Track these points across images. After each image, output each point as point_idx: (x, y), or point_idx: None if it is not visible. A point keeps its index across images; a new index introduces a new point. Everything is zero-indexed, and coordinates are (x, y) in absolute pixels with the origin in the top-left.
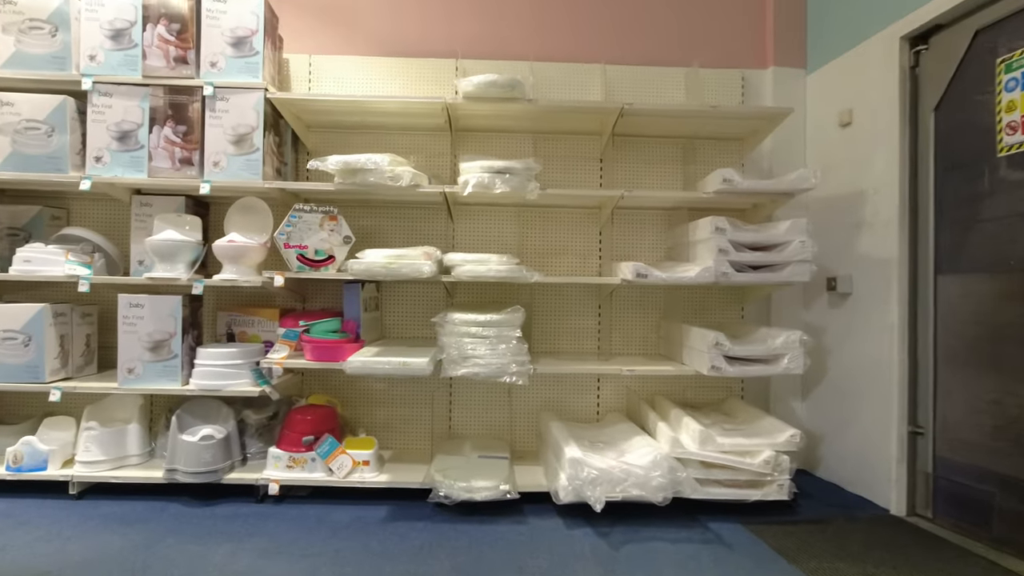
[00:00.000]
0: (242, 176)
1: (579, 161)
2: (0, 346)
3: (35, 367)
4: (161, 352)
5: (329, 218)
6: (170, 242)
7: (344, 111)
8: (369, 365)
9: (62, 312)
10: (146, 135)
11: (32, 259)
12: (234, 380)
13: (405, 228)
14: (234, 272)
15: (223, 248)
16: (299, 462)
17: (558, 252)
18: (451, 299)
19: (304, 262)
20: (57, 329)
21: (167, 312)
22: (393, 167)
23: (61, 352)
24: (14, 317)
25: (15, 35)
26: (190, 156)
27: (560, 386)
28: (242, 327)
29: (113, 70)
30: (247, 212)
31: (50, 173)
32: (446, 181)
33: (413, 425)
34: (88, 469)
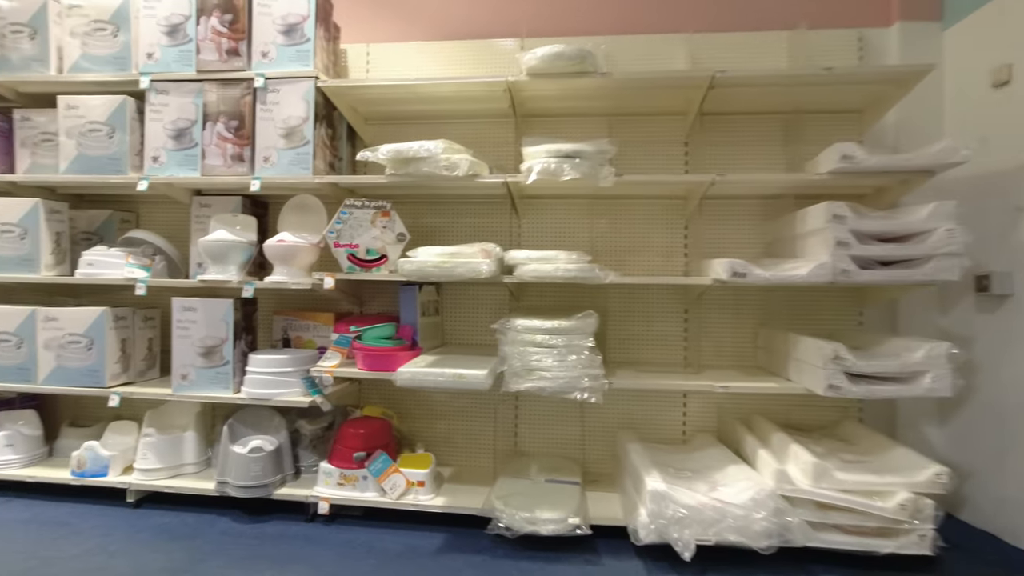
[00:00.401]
0: (292, 171)
1: (660, 145)
2: (65, 349)
3: (96, 371)
4: (213, 358)
5: (381, 214)
6: (221, 243)
7: (398, 99)
8: (420, 377)
9: (123, 316)
10: (200, 132)
11: (95, 262)
12: (284, 389)
13: (467, 225)
14: (285, 273)
15: (273, 248)
16: (350, 480)
17: (636, 249)
18: (516, 303)
19: (355, 262)
20: (118, 333)
21: (219, 316)
22: (448, 155)
23: (122, 356)
24: (78, 320)
25: (81, 38)
26: (241, 152)
27: (640, 400)
28: (297, 332)
29: (169, 67)
30: (301, 211)
31: (110, 175)
32: (511, 172)
33: (475, 440)
34: (144, 477)
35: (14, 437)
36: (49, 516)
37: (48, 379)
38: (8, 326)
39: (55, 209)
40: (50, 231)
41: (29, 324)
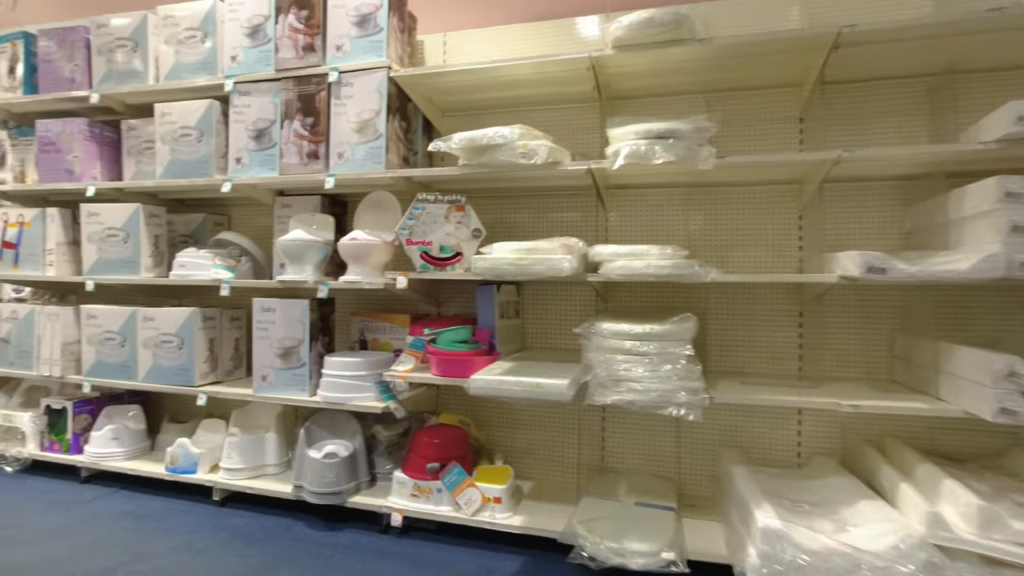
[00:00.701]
0: (364, 166)
1: (769, 123)
2: (160, 348)
3: (186, 370)
4: (290, 359)
5: (455, 209)
6: (297, 242)
7: (474, 86)
8: (494, 385)
9: (211, 316)
10: (278, 131)
11: (186, 264)
12: (358, 393)
13: (549, 221)
14: (358, 273)
15: (346, 247)
16: (424, 491)
17: (740, 243)
18: (603, 304)
19: (428, 260)
20: (206, 333)
21: (295, 317)
22: (525, 141)
23: (210, 356)
24: (171, 320)
25: (175, 47)
26: (316, 149)
27: (746, 415)
28: (374, 334)
29: (251, 68)
30: (376, 208)
31: (198, 178)
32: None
33: (558, 452)
34: (229, 476)
35: (120, 431)
36: (146, 510)
37: (147, 376)
38: (113, 325)
39: (153, 213)
40: (149, 234)
41: (131, 324)
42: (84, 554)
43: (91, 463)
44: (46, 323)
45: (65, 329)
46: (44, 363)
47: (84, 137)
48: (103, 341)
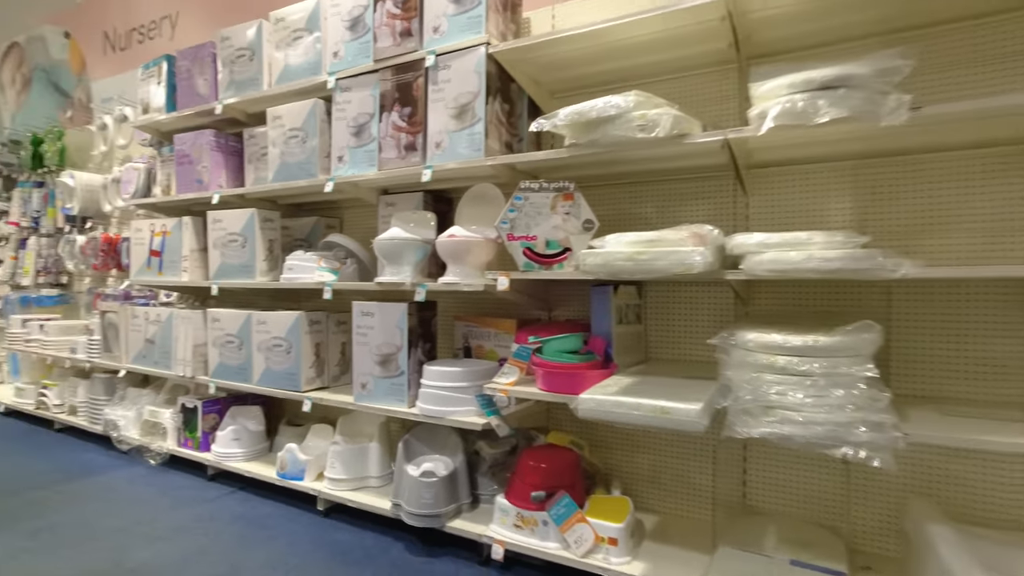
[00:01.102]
0: (462, 155)
1: (974, 66)
2: (271, 352)
3: (293, 375)
4: (389, 367)
5: (563, 197)
6: (394, 241)
7: (584, 56)
8: (607, 407)
9: (317, 320)
10: (376, 126)
11: (294, 267)
12: (458, 407)
13: (674, 212)
14: (457, 273)
15: (444, 245)
16: (528, 522)
17: (935, 227)
18: (744, 308)
19: (532, 257)
20: (312, 337)
21: (393, 322)
22: (643, 111)
23: (316, 361)
24: (280, 324)
25: (284, 50)
26: (414, 141)
27: (947, 453)
28: (479, 340)
29: (351, 62)
30: (479, 202)
31: (301, 179)
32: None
33: (688, 483)
34: (331, 487)
35: (240, 432)
36: (256, 514)
37: (260, 380)
38: (233, 328)
39: (268, 218)
40: (264, 239)
41: (247, 327)
42: (192, 559)
43: (215, 462)
44: (180, 326)
45: (195, 332)
46: (179, 363)
47: (211, 148)
48: (224, 344)
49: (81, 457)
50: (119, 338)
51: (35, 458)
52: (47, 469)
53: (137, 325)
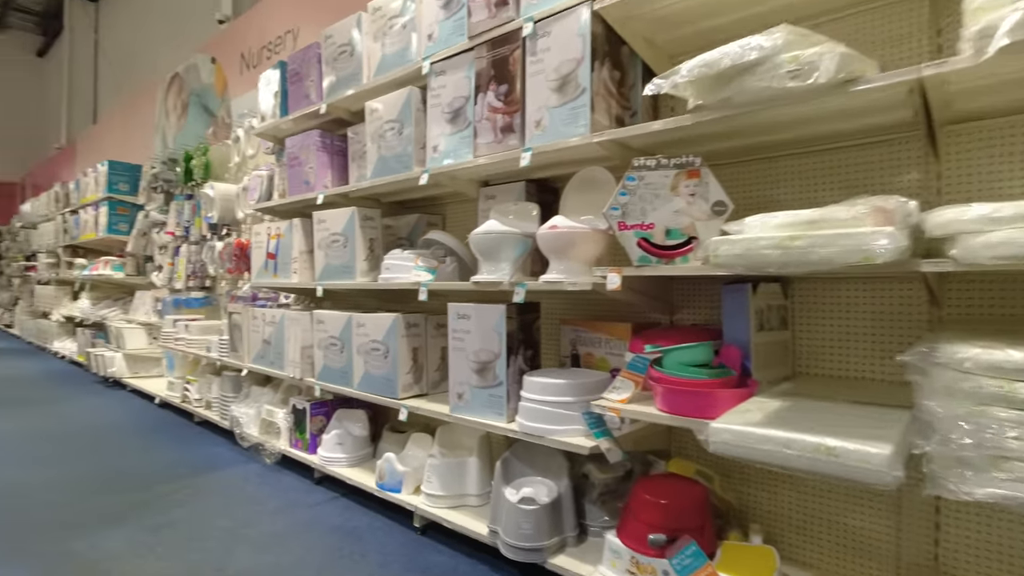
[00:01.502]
0: (564, 133)
1: None
2: (370, 356)
3: (390, 380)
4: (487, 376)
5: (687, 175)
6: (489, 235)
7: (710, 5)
8: (749, 443)
9: (415, 323)
10: (472, 109)
11: (391, 266)
12: (562, 425)
13: (821, 193)
14: (561, 270)
15: (545, 238)
16: (645, 570)
17: None
18: (939, 311)
19: (649, 249)
20: (409, 341)
21: (491, 325)
22: (795, 51)
23: (414, 366)
24: (377, 327)
25: (381, 40)
26: (511, 121)
27: None
28: (588, 347)
29: (446, 42)
30: (587, 189)
31: (398, 174)
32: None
33: (855, 534)
34: (428, 503)
35: (344, 436)
36: (352, 526)
37: (360, 384)
38: (335, 330)
39: (368, 216)
40: (364, 238)
41: (348, 329)
42: (285, 572)
43: (320, 465)
44: (290, 327)
45: (303, 333)
46: (290, 365)
47: (316, 148)
48: (328, 346)
49: (211, 451)
50: (242, 338)
51: (173, 450)
52: (180, 462)
53: (256, 326)
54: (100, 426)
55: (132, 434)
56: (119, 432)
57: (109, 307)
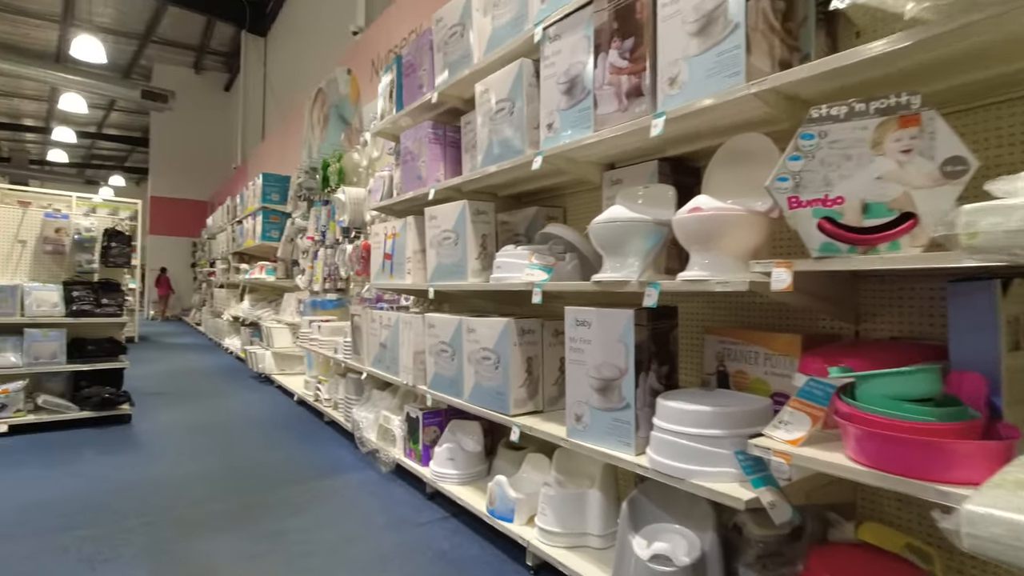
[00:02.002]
0: (708, 87)
1: None
2: (480, 365)
3: (502, 394)
4: (611, 396)
5: (898, 123)
6: (613, 224)
7: None
8: None
9: (530, 329)
10: (591, 75)
11: (502, 265)
12: (708, 465)
13: None
14: (706, 265)
15: (685, 224)
16: None
17: None
18: None
19: (837, 233)
20: (523, 350)
21: (616, 334)
22: None
23: (529, 379)
24: (488, 333)
25: (490, 13)
26: (639, 83)
27: None
28: (739, 363)
29: (561, 2)
30: (736, 163)
31: (511, 159)
32: None
33: None
34: (542, 539)
35: (456, 451)
36: (459, 555)
37: (471, 396)
38: (446, 335)
39: (480, 210)
40: (476, 234)
41: (458, 335)
42: None
43: (431, 480)
44: (404, 331)
45: (416, 337)
46: (403, 370)
47: (428, 140)
48: (439, 352)
49: (333, 454)
50: (362, 341)
51: (300, 450)
52: (305, 463)
53: (374, 329)
54: (246, 421)
55: (270, 430)
56: (260, 428)
57: (264, 308)
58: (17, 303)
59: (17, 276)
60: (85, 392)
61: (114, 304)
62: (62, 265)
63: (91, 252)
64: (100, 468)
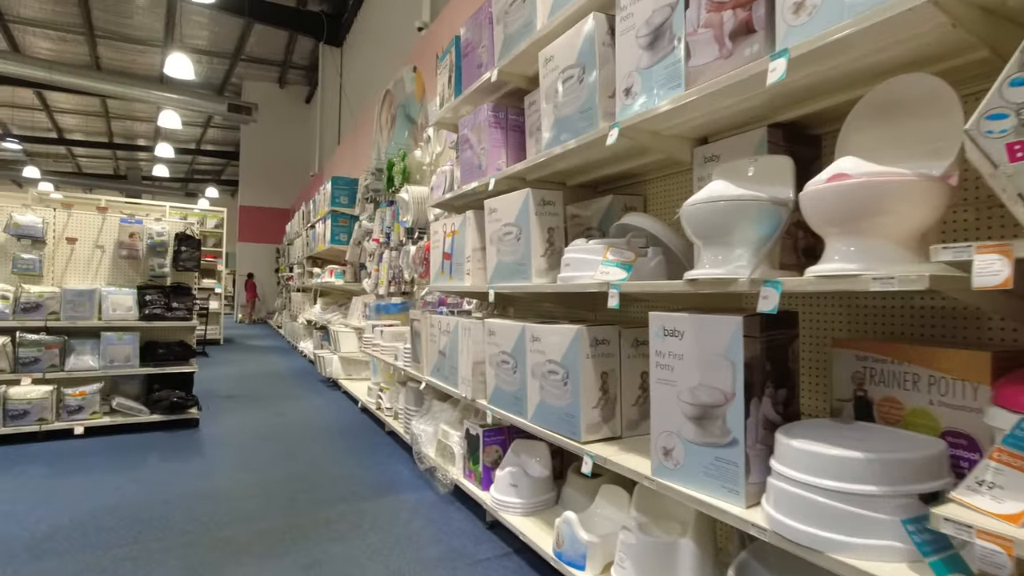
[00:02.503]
0: (851, 6)
1: None
2: (546, 380)
3: (571, 416)
4: (710, 428)
5: None
6: (714, 204)
7: None
8: None
9: (604, 339)
10: (681, 19)
11: (571, 262)
12: (858, 535)
13: None
14: (852, 255)
15: (821, 198)
16: None
17: None
18: None
19: None
20: (597, 364)
21: (717, 349)
22: None
23: (604, 398)
24: (554, 343)
25: None
26: (748, 16)
27: None
28: (887, 387)
29: None
30: (885, 118)
31: (580, 136)
32: None
33: None
34: None
35: (519, 476)
36: None
37: (535, 415)
38: (507, 344)
39: (546, 200)
40: (541, 228)
41: (521, 344)
42: None
43: (491, 508)
44: (463, 338)
45: (475, 346)
46: (462, 382)
47: (488, 124)
48: (500, 364)
49: (390, 469)
50: (422, 348)
51: (357, 463)
52: (359, 478)
53: (433, 335)
54: (309, 428)
55: (330, 438)
56: (321, 436)
57: (334, 311)
58: (95, 307)
59: (97, 281)
60: (155, 396)
61: (183, 308)
62: (137, 269)
63: (163, 256)
64: (159, 474)
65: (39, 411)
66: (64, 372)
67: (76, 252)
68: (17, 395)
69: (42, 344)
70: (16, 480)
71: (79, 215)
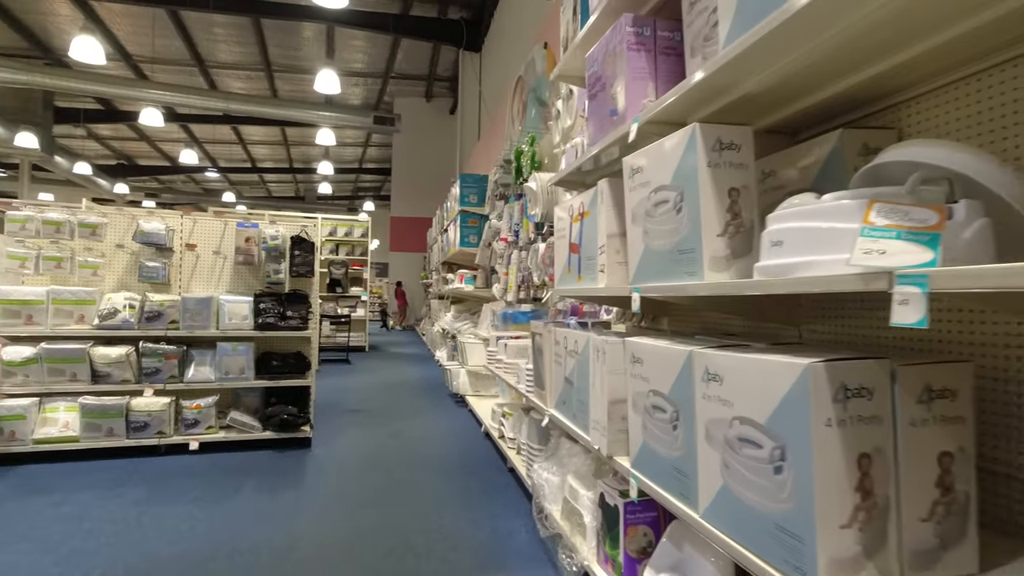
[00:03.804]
0: None
1: None
2: (735, 454)
3: (793, 534)
4: None
5: None
6: None
7: None
8: None
9: (862, 387)
10: None
11: (790, 238)
12: None
13: None
14: None
15: None
16: None
17: None
18: None
19: None
20: (845, 437)
21: None
22: None
23: (863, 506)
24: (756, 391)
25: None
26: None
27: None
28: None
29: None
30: None
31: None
32: None
33: None
34: None
35: None
36: None
37: (711, 510)
38: (660, 380)
39: (725, 143)
40: (717, 189)
41: (685, 381)
42: None
43: None
44: (594, 362)
45: (612, 377)
46: (594, 427)
47: (628, 46)
48: (649, 408)
49: (505, 526)
50: (545, 370)
51: (467, 513)
52: (465, 539)
53: (558, 355)
54: (424, 456)
55: (444, 473)
56: (434, 468)
57: (465, 320)
58: (213, 315)
59: (219, 288)
60: (269, 411)
61: (298, 317)
62: (256, 276)
63: (278, 262)
64: (243, 512)
65: (158, 424)
66: (183, 384)
67: (200, 259)
68: (138, 407)
69: (162, 354)
70: (107, 506)
71: (202, 222)
